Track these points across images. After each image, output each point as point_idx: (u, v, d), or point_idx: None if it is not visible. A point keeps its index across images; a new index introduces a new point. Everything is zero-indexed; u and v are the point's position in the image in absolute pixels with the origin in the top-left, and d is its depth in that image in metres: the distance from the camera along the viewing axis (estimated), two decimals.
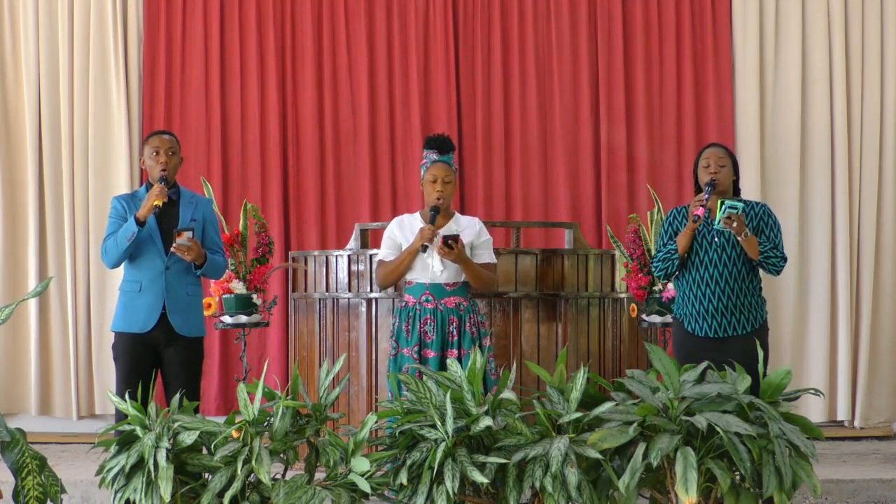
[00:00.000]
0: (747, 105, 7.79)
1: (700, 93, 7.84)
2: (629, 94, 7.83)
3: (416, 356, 4.98)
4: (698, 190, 5.15)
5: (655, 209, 6.22)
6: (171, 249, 5.02)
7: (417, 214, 5.22)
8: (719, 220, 4.87)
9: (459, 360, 4.93)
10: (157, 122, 7.62)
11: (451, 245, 4.92)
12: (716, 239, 5.00)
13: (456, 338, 5.02)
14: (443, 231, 5.03)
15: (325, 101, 7.79)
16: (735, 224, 4.86)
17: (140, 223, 5.01)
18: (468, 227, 5.15)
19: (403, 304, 5.12)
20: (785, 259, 5.04)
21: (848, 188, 7.69)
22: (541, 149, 7.82)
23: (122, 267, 5.19)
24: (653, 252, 6.04)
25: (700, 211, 4.91)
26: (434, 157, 5.16)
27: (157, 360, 5.14)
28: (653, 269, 5.15)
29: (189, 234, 5.00)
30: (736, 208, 4.87)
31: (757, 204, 5.18)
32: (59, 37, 7.67)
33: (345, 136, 7.78)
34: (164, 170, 5.10)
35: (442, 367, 4.90)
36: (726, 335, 4.97)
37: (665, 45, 7.86)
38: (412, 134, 7.75)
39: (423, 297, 5.05)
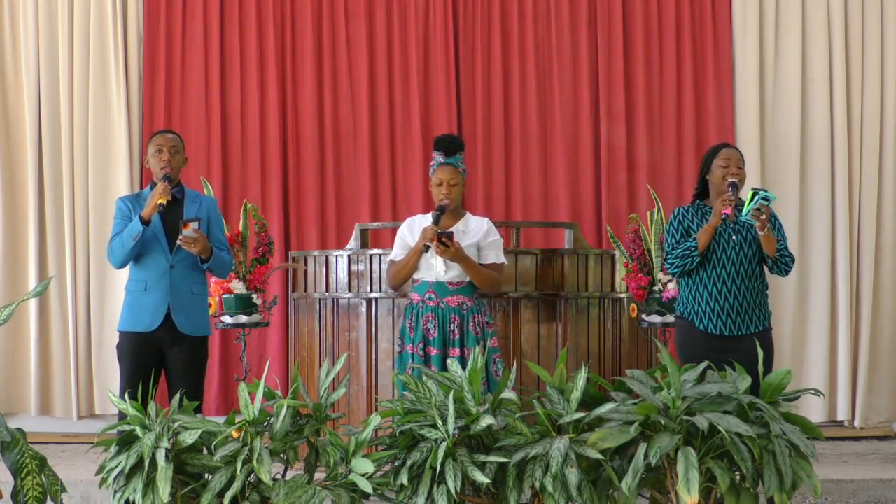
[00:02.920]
0: (747, 105, 7.78)
1: (700, 93, 7.84)
2: (629, 94, 7.82)
3: (420, 353, 5.00)
4: (702, 187, 5.13)
5: (655, 209, 6.21)
6: (178, 241, 5.00)
7: (430, 215, 5.23)
8: (748, 211, 4.83)
9: (462, 359, 4.93)
10: (157, 122, 7.62)
11: (446, 243, 4.92)
12: (733, 237, 5.00)
13: (457, 336, 5.02)
14: (443, 231, 5.03)
15: (325, 100, 7.79)
16: (763, 216, 4.84)
17: (145, 222, 5.01)
18: (476, 227, 5.15)
19: (409, 301, 5.14)
20: (793, 259, 5.05)
21: (848, 188, 7.69)
22: (541, 149, 7.82)
23: (127, 267, 5.19)
24: (654, 252, 6.03)
25: (729, 210, 4.88)
26: (440, 159, 5.16)
27: (161, 359, 5.14)
28: (667, 266, 5.08)
29: (195, 224, 4.98)
30: (769, 200, 4.84)
31: None
32: (59, 37, 7.67)
33: (345, 136, 7.78)
34: (165, 168, 5.10)
35: (444, 365, 4.89)
36: (740, 333, 4.98)
37: (665, 45, 7.85)
38: (412, 134, 7.75)
39: (427, 295, 5.07)
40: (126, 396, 4.53)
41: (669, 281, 5.98)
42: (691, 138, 7.80)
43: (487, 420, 4.07)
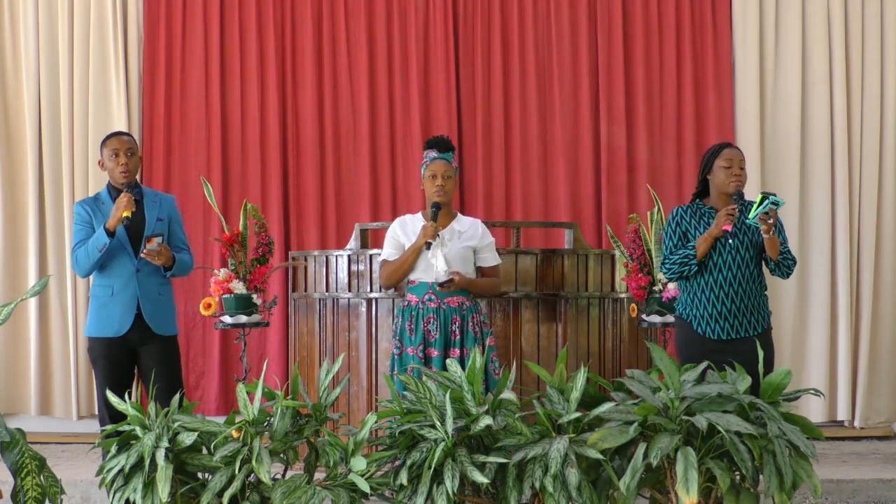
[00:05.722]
0: (747, 105, 7.78)
1: (700, 93, 7.84)
2: (629, 94, 7.82)
3: (420, 355, 5.00)
4: (702, 186, 5.11)
5: (655, 209, 6.21)
6: (142, 255, 5.07)
7: (419, 214, 5.24)
8: (756, 215, 4.81)
9: (462, 359, 4.96)
10: (157, 122, 7.63)
11: (446, 285, 4.99)
12: (730, 241, 4.97)
13: (458, 337, 5.03)
14: (441, 282, 5.06)
15: (325, 101, 7.79)
16: (770, 221, 4.83)
17: (110, 234, 5.04)
18: (471, 230, 5.17)
19: (406, 303, 5.13)
20: (795, 261, 5.04)
21: (848, 188, 7.69)
22: (541, 149, 7.82)
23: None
24: (654, 252, 6.03)
25: (730, 227, 4.87)
26: (433, 154, 5.20)
27: (134, 359, 5.18)
28: (664, 272, 5.09)
29: (159, 239, 5.08)
30: (777, 205, 4.82)
31: None
32: (59, 37, 7.67)
33: (345, 136, 7.78)
34: (124, 172, 5.13)
35: (445, 366, 4.89)
36: (738, 336, 4.97)
37: (665, 45, 7.85)
38: (412, 134, 7.75)
39: (426, 297, 5.07)
40: (126, 397, 4.53)
41: (669, 281, 5.97)
42: (691, 138, 7.80)
43: (486, 420, 4.07)
